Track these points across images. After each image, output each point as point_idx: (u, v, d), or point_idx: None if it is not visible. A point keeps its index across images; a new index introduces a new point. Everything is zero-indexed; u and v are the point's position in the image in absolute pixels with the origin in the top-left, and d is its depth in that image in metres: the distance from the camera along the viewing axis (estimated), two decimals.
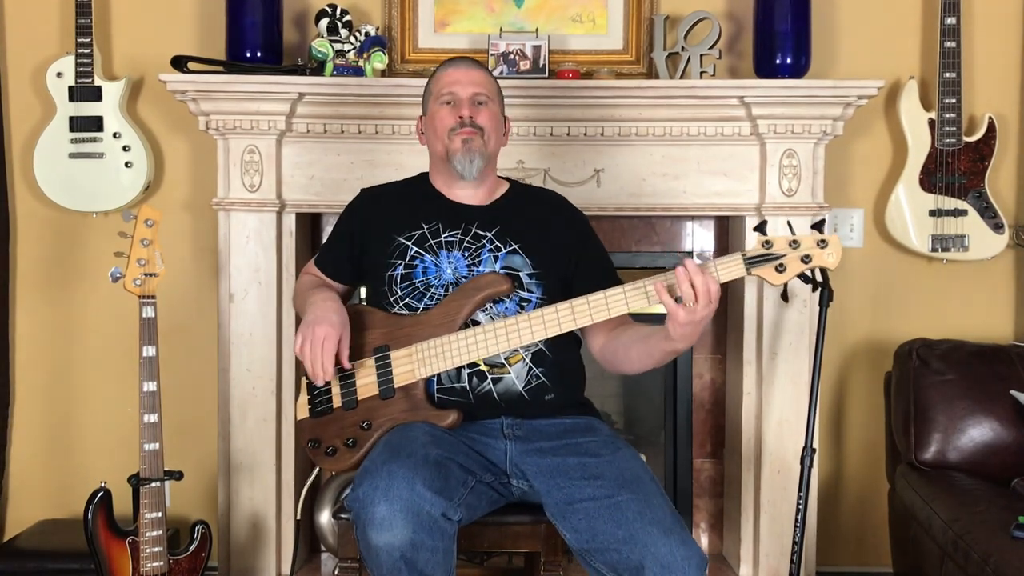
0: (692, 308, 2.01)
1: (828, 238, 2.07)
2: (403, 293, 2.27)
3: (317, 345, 2.17)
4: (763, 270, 2.06)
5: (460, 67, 2.35)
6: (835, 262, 2.08)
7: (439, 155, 2.34)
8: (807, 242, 2.07)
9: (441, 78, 2.35)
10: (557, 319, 2.15)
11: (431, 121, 2.35)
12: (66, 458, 3.20)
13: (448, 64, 2.38)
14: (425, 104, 2.40)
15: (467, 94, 2.31)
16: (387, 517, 1.91)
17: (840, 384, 3.24)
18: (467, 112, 2.30)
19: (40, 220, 3.16)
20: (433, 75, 2.39)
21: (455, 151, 2.29)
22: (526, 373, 2.23)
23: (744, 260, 2.06)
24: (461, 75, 2.33)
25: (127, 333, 2.92)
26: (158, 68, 2.94)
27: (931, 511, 2.57)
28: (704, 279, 2.00)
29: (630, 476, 2.07)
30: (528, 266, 2.27)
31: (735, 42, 3.13)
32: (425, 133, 2.39)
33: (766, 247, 2.07)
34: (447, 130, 2.30)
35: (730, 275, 2.07)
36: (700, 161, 2.97)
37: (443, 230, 2.30)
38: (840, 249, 2.08)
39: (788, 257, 2.06)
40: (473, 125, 2.29)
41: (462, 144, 2.29)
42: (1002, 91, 3.17)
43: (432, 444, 2.07)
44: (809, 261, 2.07)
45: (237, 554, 2.99)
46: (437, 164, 2.38)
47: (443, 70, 2.36)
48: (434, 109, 2.34)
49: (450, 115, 2.31)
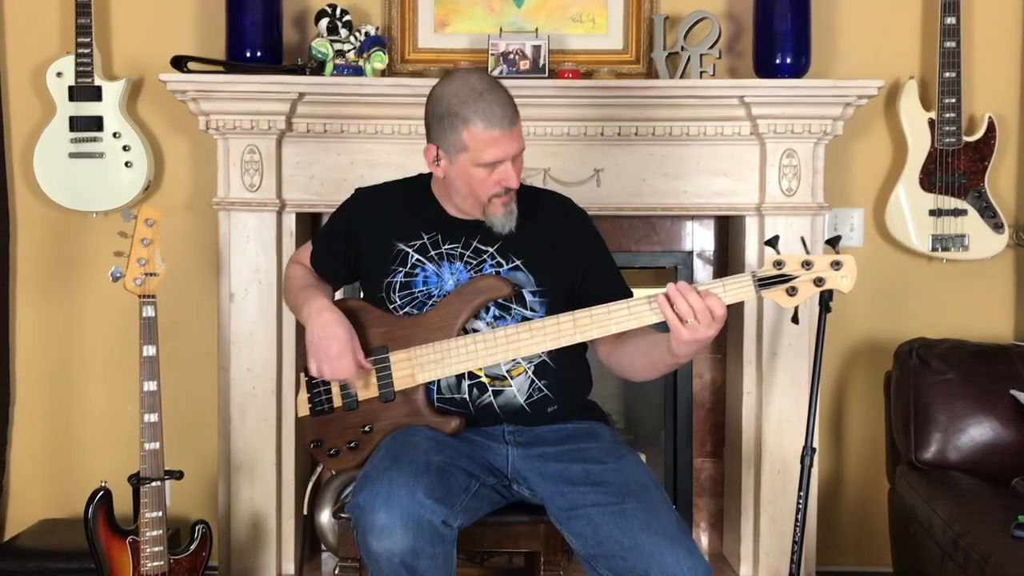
0: (695, 326, 1.97)
1: (843, 259, 1.99)
2: (403, 302, 2.23)
3: (336, 363, 2.14)
4: (774, 292, 2.00)
5: (504, 127, 2.10)
6: (849, 285, 1.99)
7: (469, 206, 2.20)
8: (821, 263, 1.99)
9: (481, 138, 2.09)
10: (559, 331, 2.11)
11: (465, 177, 2.14)
12: (66, 458, 3.20)
13: (486, 120, 2.09)
14: (450, 148, 2.13)
15: (511, 157, 2.13)
16: (387, 525, 1.91)
17: (840, 384, 3.24)
18: (514, 183, 2.15)
19: (40, 220, 3.16)
20: (462, 119, 2.09)
21: (494, 214, 2.17)
22: (528, 386, 2.20)
23: (755, 281, 2.00)
24: (506, 138, 2.11)
25: (127, 333, 2.92)
26: (158, 68, 2.94)
27: (931, 511, 2.57)
28: (699, 299, 1.96)
29: (635, 484, 2.06)
30: (532, 283, 2.21)
31: (735, 42, 3.13)
32: (450, 178, 2.17)
33: (778, 267, 2.00)
34: (489, 195, 2.15)
35: (738, 296, 2.01)
36: (700, 161, 2.97)
37: (443, 242, 2.23)
38: (855, 272, 1.99)
39: (800, 279, 1.99)
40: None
41: (503, 207, 2.17)
42: (1002, 91, 3.17)
43: (434, 450, 2.05)
44: (822, 284, 2.00)
45: (237, 554, 2.99)
46: (455, 200, 2.22)
47: (483, 128, 2.09)
48: (470, 168, 2.13)
49: (492, 181, 2.13)
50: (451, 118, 2.11)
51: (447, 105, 2.13)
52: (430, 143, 2.19)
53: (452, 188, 2.20)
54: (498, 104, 2.11)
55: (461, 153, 2.12)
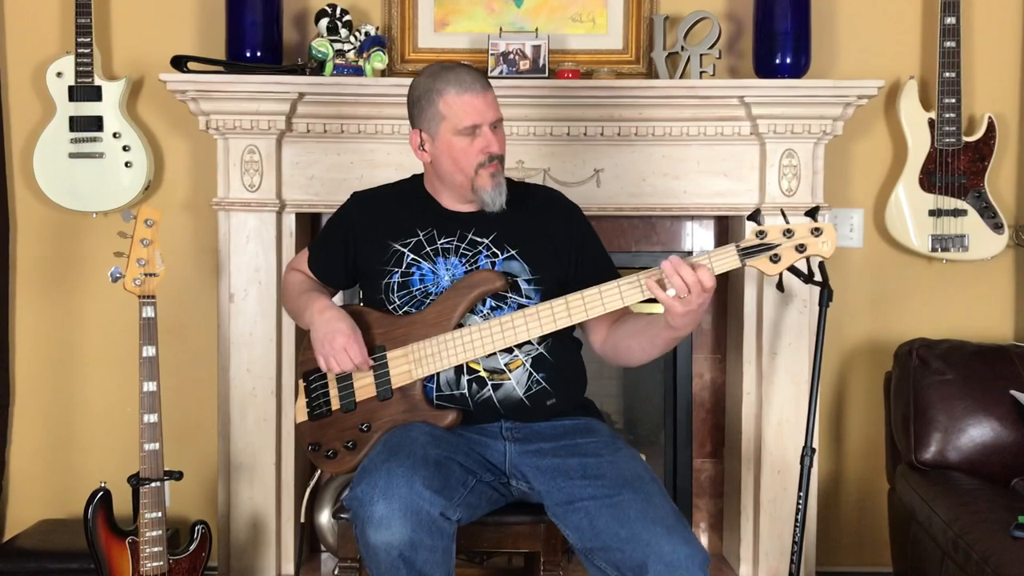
0: (687, 299, 2.00)
1: (822, 226, 2.02)
2: (401, 301, 2.25)
3: (343, 355, 2.17)
4: (757, 260, 2.04)
5: (476, 91, 2.18)
6: (830, 250, 2.03)
7: (459, 184, 2.23)
8: (801, 230, 2.02)
9: (456, 103, 2.17)
10: (552, 315, 2.14)
11: (448, 151, 2.20)
12: (66, 458, 3.20)
13: (458, 85, 2.18)
14: (430, 124, 2.21)
15: (489, 123, 2.19)
16: (385, 516, 1.91)
17: (840, 384, 3.24)
18: (497, 148, 2.19)
19: (40, 220, 3.16)
20: (436, 91, 2.19)
21: (483, 186, 2.20)
22: (527, 379, 2.21)
23: (738, 251, 2.04)
24: (479, 101, 2.18)
25: (127, 333, 2.92)
26: (158, 68, 2.94)
27: (931, 511, 2.57)
28: (692, 272, 1.98)
29: (631, 475, 2.07)
30: (526, 271, 2.24)
31: (735, 42, 3.13)
32: (436, 157, 2.23)
33: (760, 237, 2.03)
34: (475, 165, 2.18)
35: (724, 266, 2.04)
36: (700, 161, 2.97)
37: (438, 237, 2.25)
38: (835, 237, 2.03)
39: (783, 247, 2.03)
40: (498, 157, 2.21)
41: (491, 179, 2.20)
42: (1002, 91, 3.17)
43: (432, 444, 2.07)
44: (804, 250, 2.03)
45: (237, 554, 2.99)
46: (447, 183, 2.26)
47: (456, 93, 2.18)
48: (451, 139, 2.19)
49: (475, 149, 2.18)
50: (427, 95, 2.21)
51: (422, 86, 2.24)
52: (413, 130, 2.27)
53: (440, 169, 2.24)
54: (467, 73, 2.21)
55: (440, 124, 2.19)
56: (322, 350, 2.20)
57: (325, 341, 2.19)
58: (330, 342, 2.18)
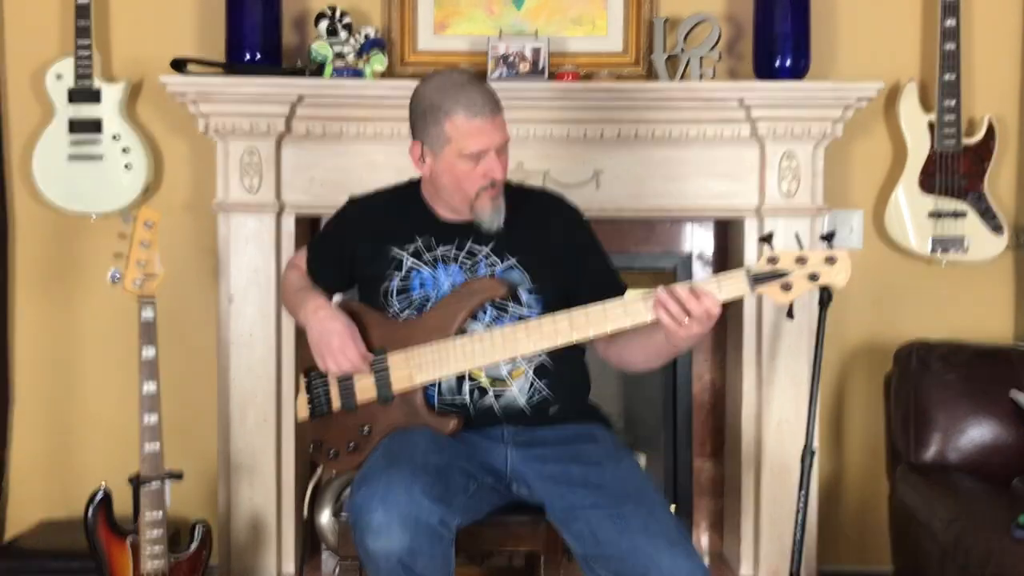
0: (689, 325, 1.99)
1: (837, 254, 1.98)
2: (401, 306, 2.23)
3: (340, 356, 2.16)
4: (768, 288, 1.99)
5: (486, 115, 2.11)
6: (844, 281, 1.99)
7: (457, 201, 2.19)
8: (815, 259, 1.98)
9: (464, 127, 2.10)
10: (555, 331, 2.11)
11: (450, 171, 2.14)
12: (66, 458, 3.20)
13: (468, 108, 2.10)
14: (434, 142, 2.14)
15: (496, 147, 2.13)
16: (384, 524, 1.91)
17: (840, 385, 3.24)
18: (499, 174, 2.14)
19: (39, 222, 3.16)
20: (444, 112, 2.11)
21: (482, 208, 2.16)
22: (528, 387, 2.20)
23: (748, 277, 2.00)
24: (489, 126, 2.11)
25: (127, 334, 2.91)
26: (158, 70, 2.94)
27: (931, 511, 2.57)
28: (696, 303, 1.97)
29: (633, 487, 2.06)
30: (527, 281, 2.21)
31: (735, 44, 3.13)
32: (436, 174, 2.18)
33: (771, 264, 1.99)
34: (476, 189, 2.14)
35: (733, 293, 2.01)
36: (699, 163, 2.97)
37: (436, 244, 2.23)
38: (849, 267, 1.98)
39: (794, 275, 1.98)
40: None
41: (491, 202, 2.16)
42: (1002, 93, 3.17)
43: (433, 450, 2.06)
44: (816, 279, 1.98)
45: (237, 554, 2.99)
46: (444, 198, 2.22)
47: (465, 117, 2.10)
48: (455, 161, 2.12)
49: (478, 174, 2.13)
50: (433, 111, 2.12)
51: (428, 99, 2.14)
52: (414, 141, 2.20)
53: (439, 185, 2.20)
54: (479, 94, 2.12)
55: (445, 146, 2.13)
56: (318, 352, 2.19)
57: (321, 342, 2.19)
58: (326, 343, 2.18)
